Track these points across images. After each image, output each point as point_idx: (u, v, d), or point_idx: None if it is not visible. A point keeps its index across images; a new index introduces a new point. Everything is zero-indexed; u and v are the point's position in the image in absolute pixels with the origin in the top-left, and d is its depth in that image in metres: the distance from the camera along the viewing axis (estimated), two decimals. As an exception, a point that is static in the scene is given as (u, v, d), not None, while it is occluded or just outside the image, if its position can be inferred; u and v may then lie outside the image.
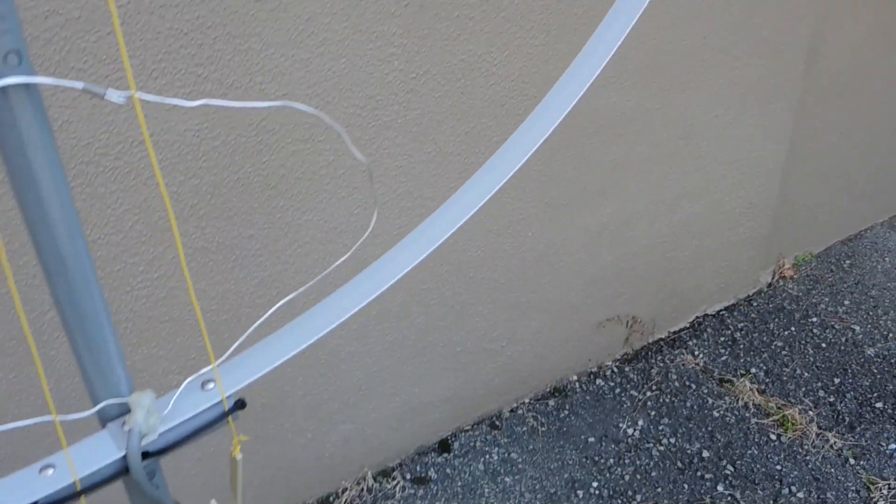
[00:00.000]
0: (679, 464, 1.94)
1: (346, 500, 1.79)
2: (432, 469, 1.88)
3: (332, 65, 1.28)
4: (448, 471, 1.88)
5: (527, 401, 2.06)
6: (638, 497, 1.86)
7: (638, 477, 1.90)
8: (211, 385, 0.53)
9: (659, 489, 1.88)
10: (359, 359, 1.64)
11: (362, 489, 1.81)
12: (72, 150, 1.10)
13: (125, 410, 0.51)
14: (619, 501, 1.85)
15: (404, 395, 1.79)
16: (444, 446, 1.93)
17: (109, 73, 1.08)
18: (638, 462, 1.94)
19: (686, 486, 1.89)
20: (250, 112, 1.22)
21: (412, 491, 1.83)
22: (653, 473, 1.91)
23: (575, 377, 2.14)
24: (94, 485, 0.48)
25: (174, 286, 1.29)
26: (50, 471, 0.47)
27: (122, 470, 0.49)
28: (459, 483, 1.86)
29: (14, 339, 1.19)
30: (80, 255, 0.44)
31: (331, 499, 1.79)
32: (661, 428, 2.02)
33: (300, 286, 1.47)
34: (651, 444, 1.98)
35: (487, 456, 1.92)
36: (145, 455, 0.49)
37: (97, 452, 0.48)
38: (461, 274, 1.70)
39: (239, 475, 0.58)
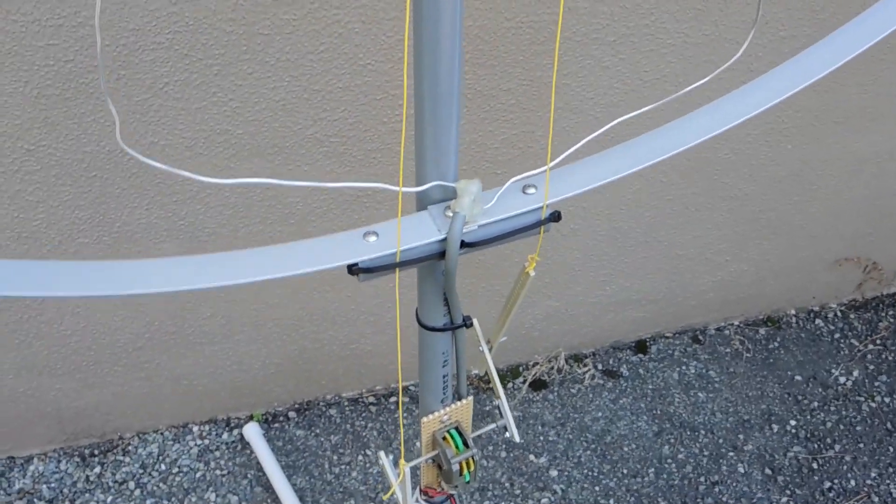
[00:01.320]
0: (889, 425, 1.79)
1: (535, 373, 1.80)
2: (625, 366, 1.85)
3: (632, -81, 1.19)
4: (641, 371, 1.84)
5: (736, 322, 1.96)
6: (836, 447, 1.75)
7: (841, 427, 1.78)
8: (532, 190, 0.51)
9: (861, 445, 1.75)
10: (580, 238, 1.61)
11: (553, 367, 1.82)
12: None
13: (448, 197, 0.50)
14: (816, 446, 1.74)
15: (614, 287, 1.75)
16: (641, 347, 1.89)
17: None
18: (844, 412, 1.81)
19: (891, 448, 1.75)
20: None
21: (601, 381, 1.82)
22: (858, 427, 1.78)
23: (793, 311, 2.00)
24: (410, 260, 0.48)
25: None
26: (373, 238, 0.48)
27: (438, 252, 0.49)
28: (650, 386, 1.82)
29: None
30: (455, 32, 0.42)
31: (520, 369, 1.82)
32: (876, 384, 1.87)
33: (542, 152, 1.44)
34: (862, 398, 1.84)
35: (684, 367, 1.86)
36: (461, 244, 0.49)
37: (419, 229, 0.48)
38: (703, 174, 1.60)
39: (523, 293, 0.57)
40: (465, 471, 0.66)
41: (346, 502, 1.62)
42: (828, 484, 1.69)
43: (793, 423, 1.78)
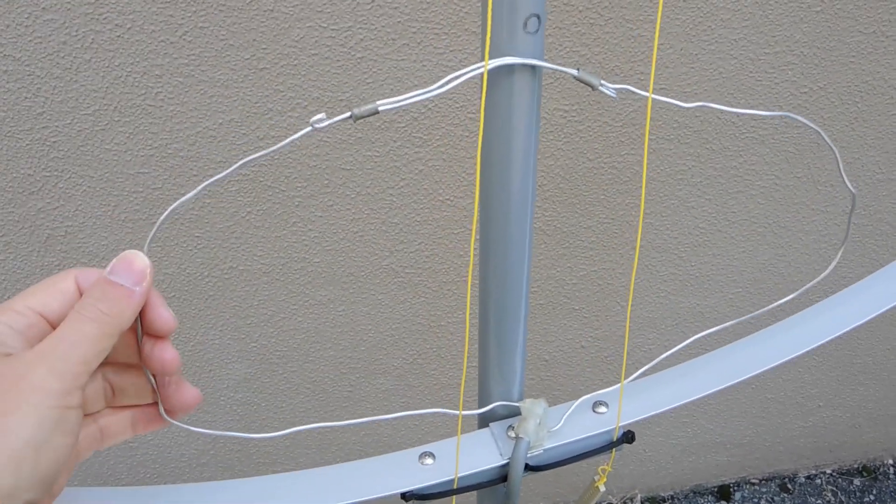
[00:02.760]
0: None
1: (608, 515, 1.71)
2: (705, 512, 1.74)
3: (721, 65, 1.17)
4: (722, 520, 1.72)
5: (829, 471, 1.82)
6: None
7: None
8: (603, 409, 0.47)
9: None
10: (660, 377, 1.54)
11: (627, 509, 1.72)
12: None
13: (511, 414, 0.47)
14: None
15: (696, 428, 1.65)
16: (724, 493, 1.77)
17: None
18: (953, 583, 1.64)
19: None
20: (623, 101, 1.16)
21: (679, 528, 1.71)
22: None
23: (891, 461, 1.85)
24: (468, 486, 0.44)
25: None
26: (429, 460, 0.45)
27: (499, 477, 0.45)
28: (733, 537, 1.69)
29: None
30: (523, 246, 0.40)
31: (592, 508, 1.72)
32: None
33: (620, 290, 1.40)
34: (974, 568, 1.66)
35: (770, 518, 1.73)
36: (525, 467, 0.45)
37: (480, 454, 0.45)
38: (794, 316, 1.52)
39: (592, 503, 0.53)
40: None
41: None
42: None
43: (893, 590, 1.62)
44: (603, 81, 0.37)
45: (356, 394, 1.45)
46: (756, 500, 1.75)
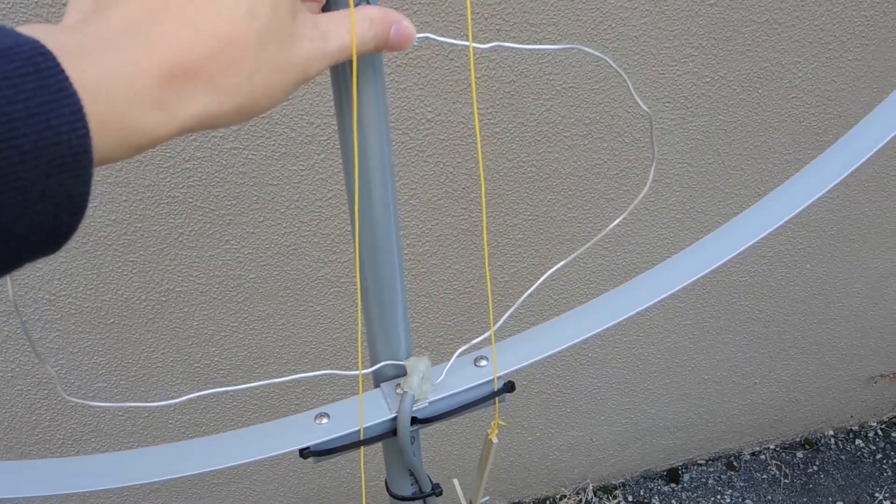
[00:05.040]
0: (946, 556, 1.68)
1: (562, 507, 1.75)
2: (657, 497, 1.79)
3: (624, 61, 1.23)
4: (674, 502, 1.77)
5: (772, 447, 1.89)
6: (889, 581, 1.64)
7: (892, 559, 1.68)
8: (483, 362, 0.52)
9: (917, 579, 1.64)
10: (599, 367, 1.59)
11: (581, 500, 1.76)
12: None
13: (400, 373, 0.51)
14: (866, 581, 1.64)
15: (639, 414, 1.71)
16: (672, 476, 1.82)
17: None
18: (895, 542, 1.71)
19: (951, 583, 1.64)
20: (536, 101, 1.21)
21: (632, 514, 1.75)
22: (911, 559, 1.68)
23: (831, 432, 1.93)
24: (363, 440, 0.48)
25: (435, 263, 1.32)
26: (325, 420, 0.48)
27: (390, 431, 0.49)
28: (684, 518, 1.75)
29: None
30: (388, 215, 0.44)
31: (547, 502, 1.76)
32: (928, 510, 1.77)
33: (554, 284, 1.45)
34: (914, 526, 1.73)
35: (719, 496, 1.79)
36: (413, 420, 0.49)
37: (371, 410, 0.49)
38: (720, 298, 1.58)
39: (490, 459, 0.56)
40: None
41: None
42: None
43: (839, 555, 1.68)
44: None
45: (304, 406, 1.47)
46: (704, 480, 1.81)
